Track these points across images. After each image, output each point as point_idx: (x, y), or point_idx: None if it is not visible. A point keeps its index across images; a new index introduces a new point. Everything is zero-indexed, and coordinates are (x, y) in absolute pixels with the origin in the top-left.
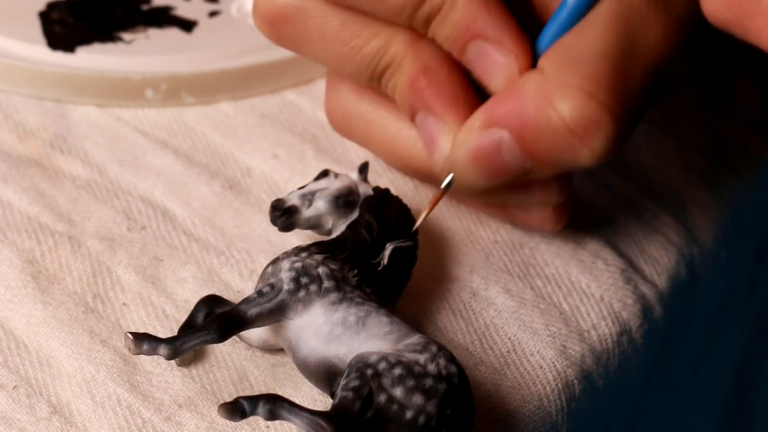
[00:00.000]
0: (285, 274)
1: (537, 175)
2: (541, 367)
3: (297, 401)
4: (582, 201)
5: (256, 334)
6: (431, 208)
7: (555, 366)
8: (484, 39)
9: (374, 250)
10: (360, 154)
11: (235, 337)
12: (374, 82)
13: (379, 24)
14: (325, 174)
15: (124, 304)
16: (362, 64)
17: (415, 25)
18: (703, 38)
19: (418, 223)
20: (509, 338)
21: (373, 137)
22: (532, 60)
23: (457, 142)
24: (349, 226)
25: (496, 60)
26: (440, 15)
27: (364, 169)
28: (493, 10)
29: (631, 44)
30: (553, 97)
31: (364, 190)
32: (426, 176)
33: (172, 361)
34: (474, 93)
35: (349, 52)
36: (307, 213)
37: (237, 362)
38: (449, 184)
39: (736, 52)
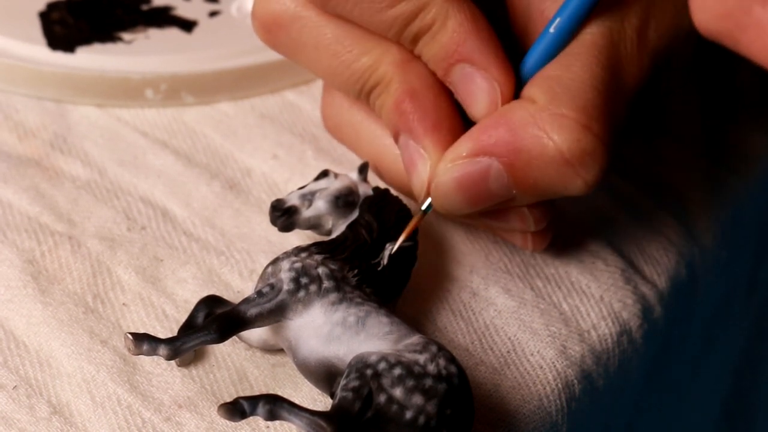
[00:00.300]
0: (285, 275)
1: (520, 202)
2: (541, 367)
3: (297, 401)
4: (582, 201)
5: (256, 334)
6: (408, 232)
7: (555, 366)
8: (470, 63)
9: (374, 250)
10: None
11: (234, 337)
12: (363, 97)
13: (371, 41)
14: (324, 174)
15: (124, 304)
16: (351, 79)
17: (403, 41)
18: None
19: (395, 247)
20: (509, 338)
21: (361, 147)
22: (515, 87)
23: (442, 168)
24: (349, 227)
25: (480, 85)
26: (429, 34)
27: (363, 169)
28: (483, 35)
29: (616, 78)
30: (548, 128)
31: (364, 190)
32: (408, 193)
33: (172, 362)
34: (459, 119)
35: (340, 66)
36: (306, 213)
37: (237, 362)
38: (426, 210)
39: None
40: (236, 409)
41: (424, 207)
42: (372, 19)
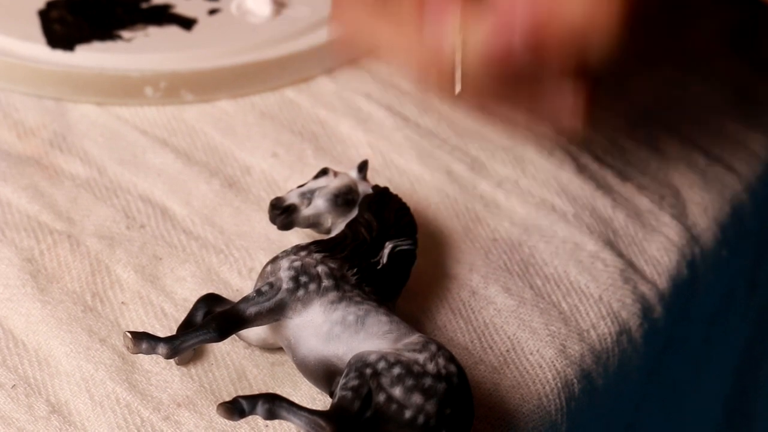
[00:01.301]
0: (284, 273)
1: (546, 71)
2: (541, 367)
3: (296, 400)
4: (582, 201)
5: (255, 332)
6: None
7: (554, 365)
8: None
9: (374, 248)
10: (360, 153)
11: (234, 335)
12: None
13: None
14: (324, 172)
15: (123, 302)
16: None
17: None
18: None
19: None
20: (509, 337)
21: (379, 34)
22: None
23: (467, 40)
24: (349, 225)
25: None
26: None
27: (363, 167)
28: None
29: None
30: None
31: (364, 188)
32: (437, 80)
33: (171, 360)
34: None
35: None
36: (306, 211)
37: (236, 361)
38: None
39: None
40: (235, 408)
41: (457, 77)
42: None
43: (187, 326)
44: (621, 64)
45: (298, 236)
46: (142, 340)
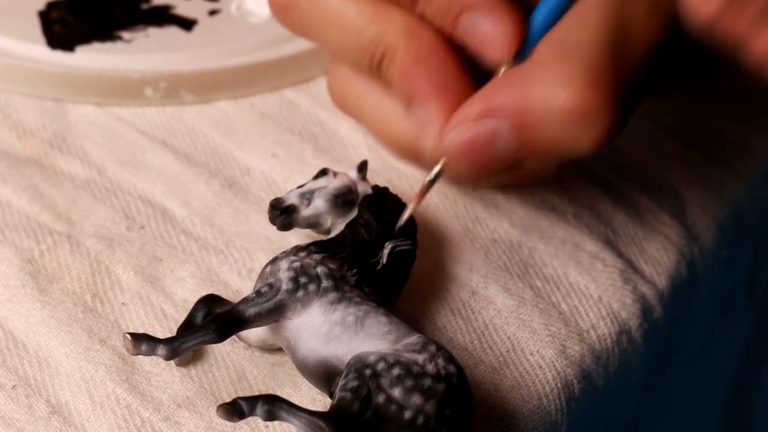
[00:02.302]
0: (284, 274)
1: (528, 165)
2: (541, 367)
3: (296, 401)
4: (581, 201)
5: (255, 333)
6: (419, 199)
7: (554, 365)
8: (474, 11)
9: (373, 249)
10: (359, 153)
11: (234, 336)
12: (373, 69)
13: (376, 12)
14: (324, 173)
15: (123, 303)
16: (360, 51)
17: (403, 1)
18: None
19: (406, 216)
20: (508, 338)
21: (367, 117)
22: (526, 34)
23: (450, 131)
24: (348, 225)
25: (487, 31)
26: None
27: (363, 167)
28: None
29: (624, 35)
30: (556, 86)
31: (363, 188)
32: (416, 160)
33: (171, 361)
34: (468, 82)
35: (347, 39)
36: (306, 212)
37: (236, 362)
38: (438, 176)
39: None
40: (235, 410)
41: (432, 175)
42: None
43: (187, 327)
44: None
45: (297, 237)
46: (142, 341)
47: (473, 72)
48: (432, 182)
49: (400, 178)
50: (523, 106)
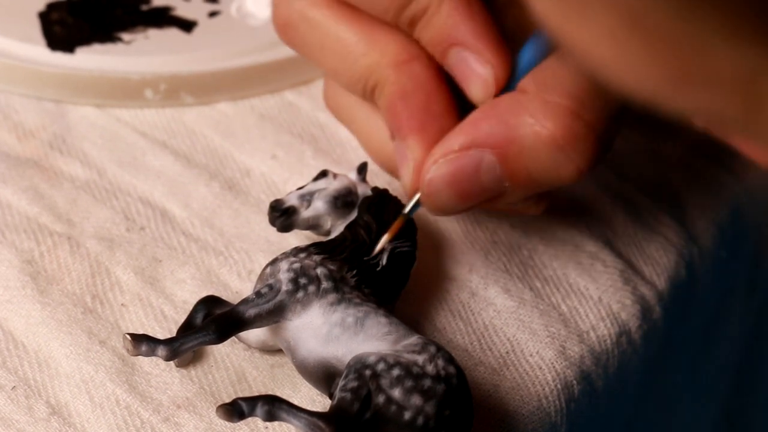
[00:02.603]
0: (283, 275)
1: (511, 197)
2: (540, 368)
3: (296, 402)
4: (581, 202)
5: (255, 334)
6: (395, 230)
7: (554, 367)
8: (464, 47)
9: (373, 250)
10: (359, 155)
11: (233, 337)
12: (368, 96)
13: (371, 41)
14: (323, 174)
15: (122, 304)
16: (353, 79)
17: (401, 25)
18: None
19: (377, 248)
20: (508, 339)
21: (356, 130)
22: (512, 73)
23: (432, 164)
24: (348, 227)
25: (474, 69)
26: (425, 18)
27: (362, 169)
28: (477, 19)
29: None
30: (540, 116)
31: (363, 190)
32: (397, 174)
33: (171, 362)
34: (453, 119)
35: (342, 67)
36: (305, 213)
37: (236, 363)
38: (413, 208)
39: None
40: (235, 410)
41: (408, 208)
42: (370, 4)
43: (187, 328)
44: None
45: (297, 238)
46: (142, 342)
47: (462, 99)
48: (407, 216)
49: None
50: (507, 137)
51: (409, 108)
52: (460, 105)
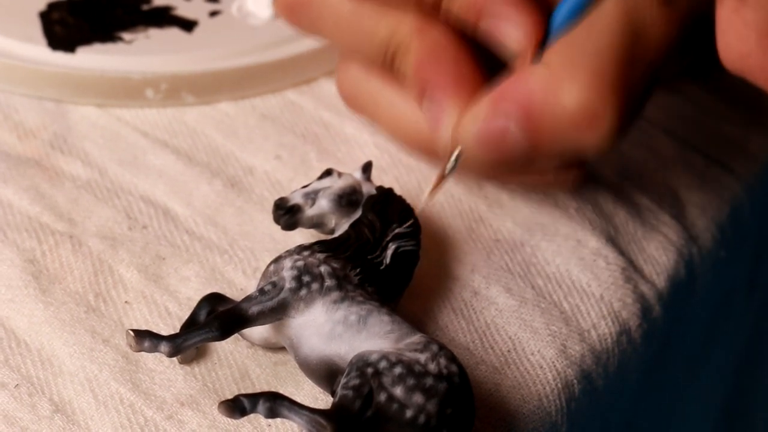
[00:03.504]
0: (287, 273)
1: (540, 164)
2: (541, 367)
3: (298, 400)
4: (582, 200)
5: (258, 332)
6: (437, 186)
7: (555, 366)
8: (495, 12)
9: (377, 249)
10: (366, 152)
11: (236, 335)
12: (387, 65)
13: (387, 10)
14: (328, 173)
15: (126, 302)
16: (373, 49)
17: (425, 4)
18: (702, 39)
19: (423, 204)
20: (510, 337)
21: (381, 115)
22: (545, 32)
23: (463, 126)
24: (352, 225)
25: (508, 33)
26: None
27: (367, 168)
28: None
29: (635, 40)
30: (558, 89)
31: (368, 189)
32: (430, 155)
33: (174, 360)
34: (481, 75)
35: (361, 38)
36: (310, 212)
37: (239, 360)
38: (455, 164)
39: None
40: (236, 407)
41: (450, 165)
42: None
43: (190, 325)
44: None
45: (302, 236)
46: (145, 338)
47: (488, 69)
48: (450, 171)
49: (409, 174)
50: (529, 110)
51: (439, 65)
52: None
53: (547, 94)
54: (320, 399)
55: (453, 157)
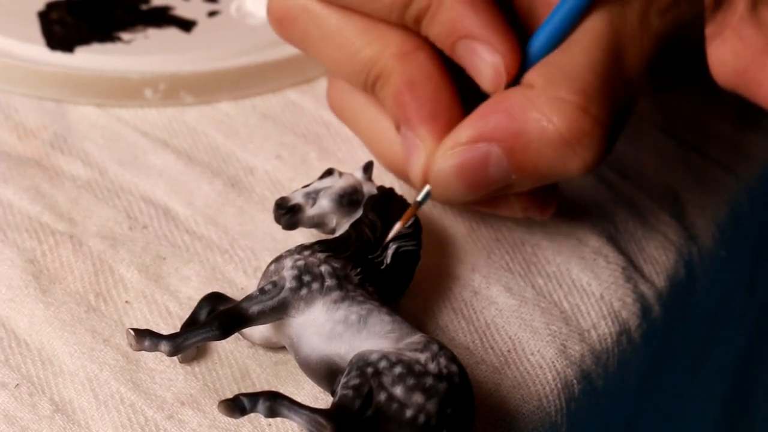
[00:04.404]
0: (287, 272)
1: (519, 188)
2: (541, 367)
3: (299, 399)
4: (583, 199)
5: (259, 331)
6: (404, 222)
7: (555, 366)
8: (471, 38)
9: (377, 249)
10: (365, 153)
11: (237, 334)
12: (368, 88)
13: (373, 33)
14: (329, 172)
15: (126, 302)
16: (355, 71)
17: (407, 23)
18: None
19: (391, 236)
20: (510, 337)
21: (360, 130)
22: (521, 61)
23: (441, 155)
24: (353, 225)
25: (484, 59)
26: (429, 14)
27: (368, 168)
28: (482, 9)
29: (616, 61)
30: (546, 111)
31: (369, 189)
32: (404, 176)
33: (175, 359)
34: (460, 109)
35: (344, 58)
36: (311, 211)
37: (239, 360)
38: (424, 198)
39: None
40: (236, 406)
41: (420, 197)
42: (372, 5)
43: (191, 325)
44: None
45: (303, 236)
46: (145, 337)
47: (469, 93)
48: (419, 205)
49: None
50: (514, 131)
51: (417, 97)
52: (466, 99)
53: (532, 116)
54: (320, 398)
55: (424, 192)
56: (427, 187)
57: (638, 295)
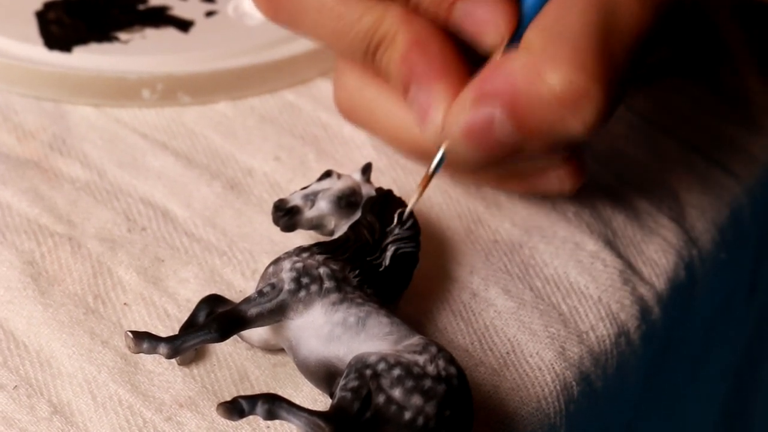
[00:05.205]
0: (286, 274)
1: (529, 150)
2: (540, 369)
3: (297, 402)
4: (582, 201)
5: (257, 333)
6: (424, 186)
7: (554, 368)
8: (467, 1)
9: (376, 251)
10: (364, 153)
11: (236, 336)
12: (368, 57)
13: (372, 1)
14: (328, 174)
15: (125, 304)
16: (356, 39)
17: None
18: (702, 38)
19: (413, 203)
20: (508, 339)
21: (377, 123)
22: (519, 17)
23: (450, 118)
24: (352, 227)
25: (481, 18)
26: None
27: (367, 169)
28: None
29: (612, 20)
30: (542, 71)
31: (367, 190)
32: (429, 160)
33: (173, 361)
34: (466, 65)
35: (344, 27)
36: (309, 213)
37: (238, 362)
38: (441, 161)
39: (738, 54)
40: (235, 408)
41: (437, 159)
42: None
43: (189, 327)
44: None
45: (301, 238)
46: (143, 339)
47: (468, 60)
48: (436, 167)
49: (407, 176)
50: (513, 92)
51: (427, 54)
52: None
53: (531, 77)
54: (319, 401)
55: (440, 154)
56: (442, 150)
57: (637, 297)
